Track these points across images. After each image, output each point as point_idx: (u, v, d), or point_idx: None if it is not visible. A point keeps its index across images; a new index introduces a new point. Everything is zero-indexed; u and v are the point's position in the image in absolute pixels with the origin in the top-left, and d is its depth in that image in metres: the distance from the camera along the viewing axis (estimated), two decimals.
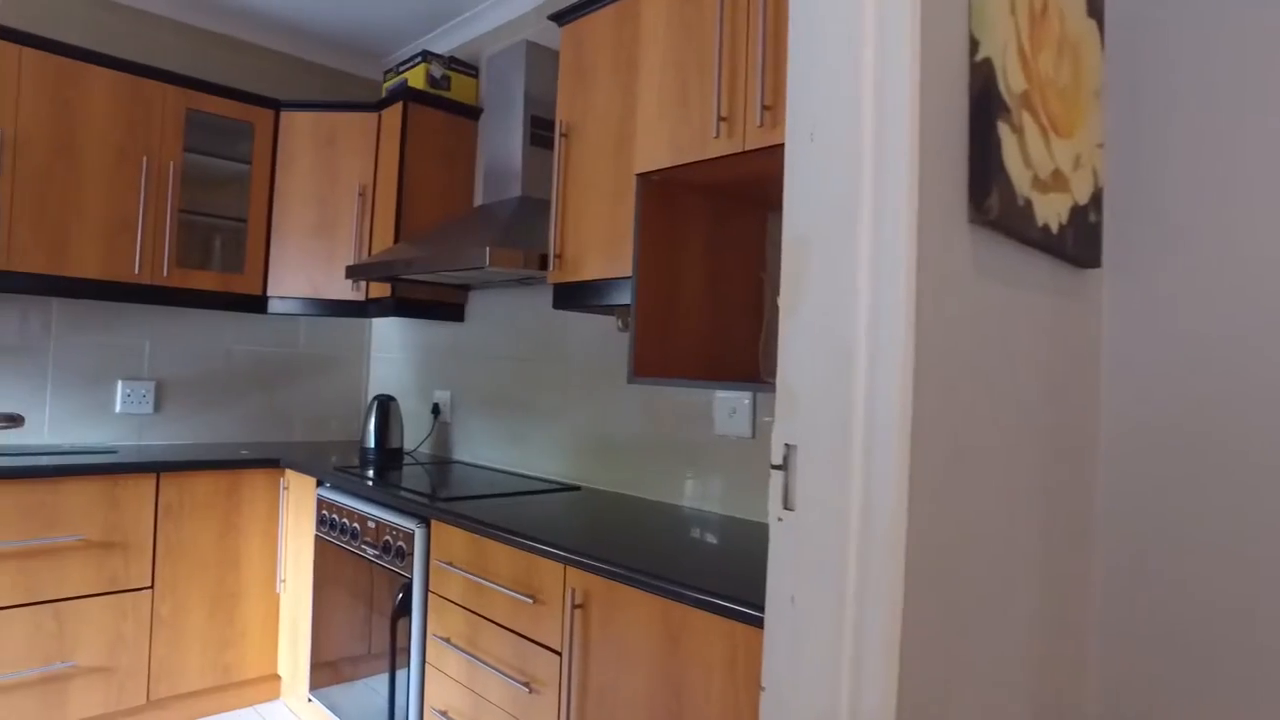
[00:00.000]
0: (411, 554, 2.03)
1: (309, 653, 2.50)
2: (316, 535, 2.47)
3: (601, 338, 2.47)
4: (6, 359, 2.67)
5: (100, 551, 2.39)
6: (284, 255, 2.96)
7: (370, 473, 2.51)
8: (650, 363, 1.79)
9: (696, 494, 2.15)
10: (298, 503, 2.66)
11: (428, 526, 2.03)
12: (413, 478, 2.48)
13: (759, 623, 1.20)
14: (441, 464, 2.84)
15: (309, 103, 2.97)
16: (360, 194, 2.94)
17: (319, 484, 2.53)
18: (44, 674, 2.30)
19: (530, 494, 2.27)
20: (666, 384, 1.74)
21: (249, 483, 2.68)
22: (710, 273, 1.92)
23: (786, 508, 0.95)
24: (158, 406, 2.97)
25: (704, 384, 1.71)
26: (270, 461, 2.70)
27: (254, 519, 2.69)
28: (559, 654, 1.63)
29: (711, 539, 1.78)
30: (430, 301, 2.93)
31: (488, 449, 2.87)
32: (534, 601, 1.69)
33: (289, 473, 2.71)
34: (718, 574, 1.46)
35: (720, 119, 1.58)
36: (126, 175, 2.64)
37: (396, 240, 2.79)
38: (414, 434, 3.20)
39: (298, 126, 2.97)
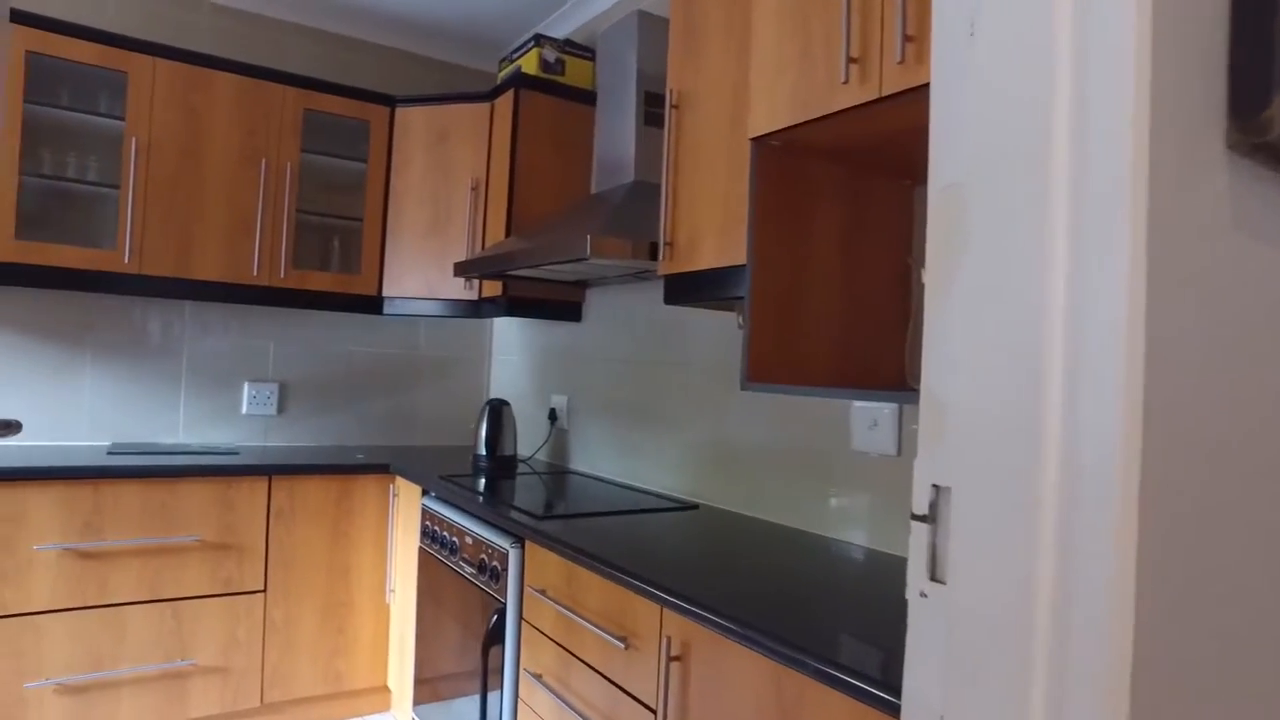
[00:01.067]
0: (505, 576, 1.84)
1: (413, 667, 2.38)
2: (420, 547, 2.35)
3: (723, 337, 2.19)
4: (149, 361, 2.74)
5: (216, 553, 2.37)
6: (399, 255, 2.89)
7: (476, 483, 2.35)
8: (769, 366, 1.50)
9: (830, 519, 1.83)
10: (406, 511, 2.56)
11: (522, 547, 1.84)
12: (518, 490, 2.31)
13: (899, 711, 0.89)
14: (554, 475, 2.66)
15: (422, 97, 2.88)
16: (473, 188, 2.81)
17: (424, 493, 2.41)
18: (166, 670, 2.31)
19: (640, 513, 2.02)
20: (787, 392, 1.44)
21: (360, 488, 2.61)
22: (845, 258, 1.61)
23: (934, 578, 0.65)
24: (281, 408, 2.97)
25: (833, 392, 1.40)
26: (381, 467, 2.62)
27: (365, 526, 2.62)
28: (653, 711, 1.37)
29: (846, 580, 1.47)
30: (545, 300, 2.76)
31: (603, 459, 2.66)
32: (626, 646, 1.44)
33: (399, 479, 2.61)
34: (850, 632, 1.16)
35: (849, 60, 1.27)
36: (246, 178, 2.64)
37: (508, 235, 2.64)
38: (532, 440, 3.04)
39: (412, 122, 2.89)
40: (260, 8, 2.94)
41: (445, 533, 2.19)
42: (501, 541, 1.88)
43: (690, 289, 1.81)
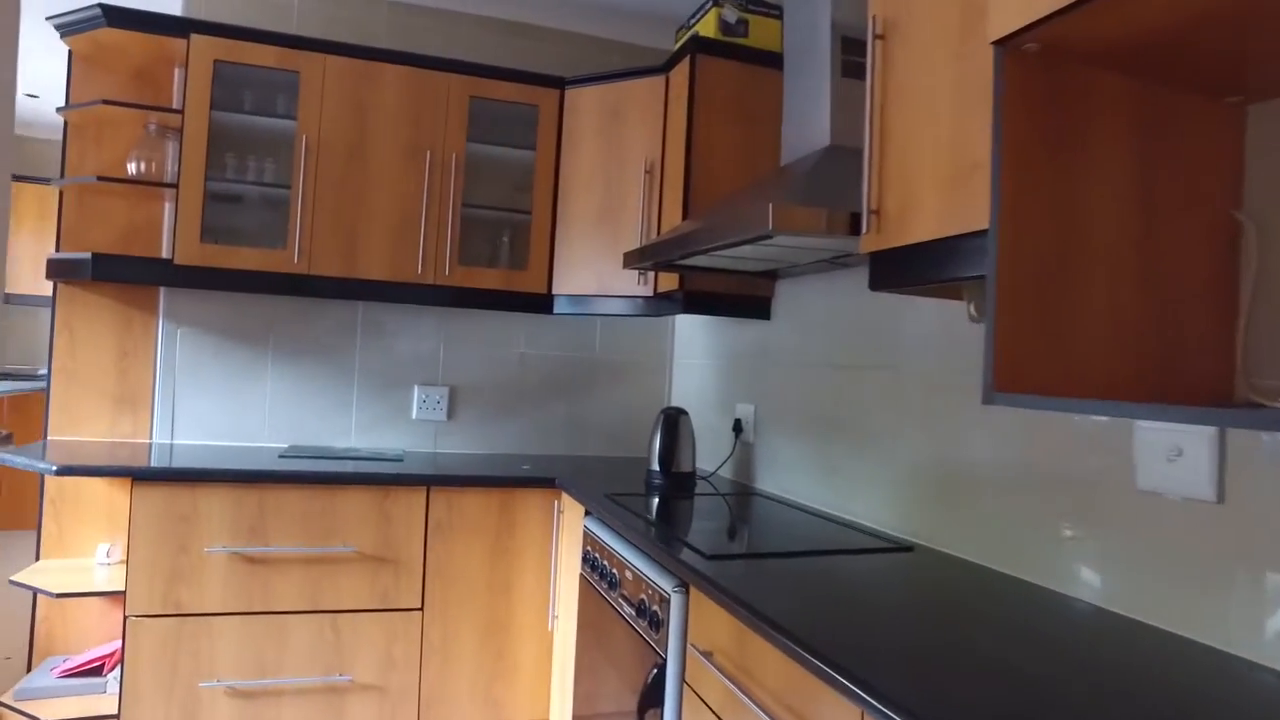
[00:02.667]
0: (666, 627, 1.51)
1: (571, 705, 2.11)
2: (581, 574, 2.08)
3: (947, 332, 1.73)
4: (325, 363, 2.72)
5: (373, 565, 2.25)
6: (568, 248, 2.66)
7: (644, 505, 2.05)
8: (1024, 369, 1.05)
9: (1100, 584, 1.32)
10: (571, 529, 2.30)
11: (687, 593, 1.49)
12: (692, 515, 1.97)
13: None
14: (737, 496, 2.29)
15: (593, 76, 2.64)
16: (647, 171, 2.52)
17: (585, 513, 2.14)
18: (325, 684, 2.21)
19: (839, 554, 1.61)
20: (1053, 407, 0.98)
21: (522, 502, 2.39)
22: (1137, 213, 1.11)
23: None
24: (451, 413, 2.85)
25: (1125, 408, 0.92)
26: (545, 481, 2.39)
27: (528, 543, 2.40)
28: None
29: (1139, 688, 0.98)
30: (728, 295, 2.41)
31: (795, 480, 2.26)
32: None
33: (564, 495, 2.37)
34: None
35: None
36: (411, 172, 2.52)
37: (684, 220, 2.32)
38: (715, 454, 2.70)
39: (582, 104, 2.66)
40: (435, 0, 2.84)
41: (605, 562, 1.90)
42: (664, 583, 1.55)
43: (903, 269, 1.38)
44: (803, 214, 1.48)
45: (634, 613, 1.67)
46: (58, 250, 2.48)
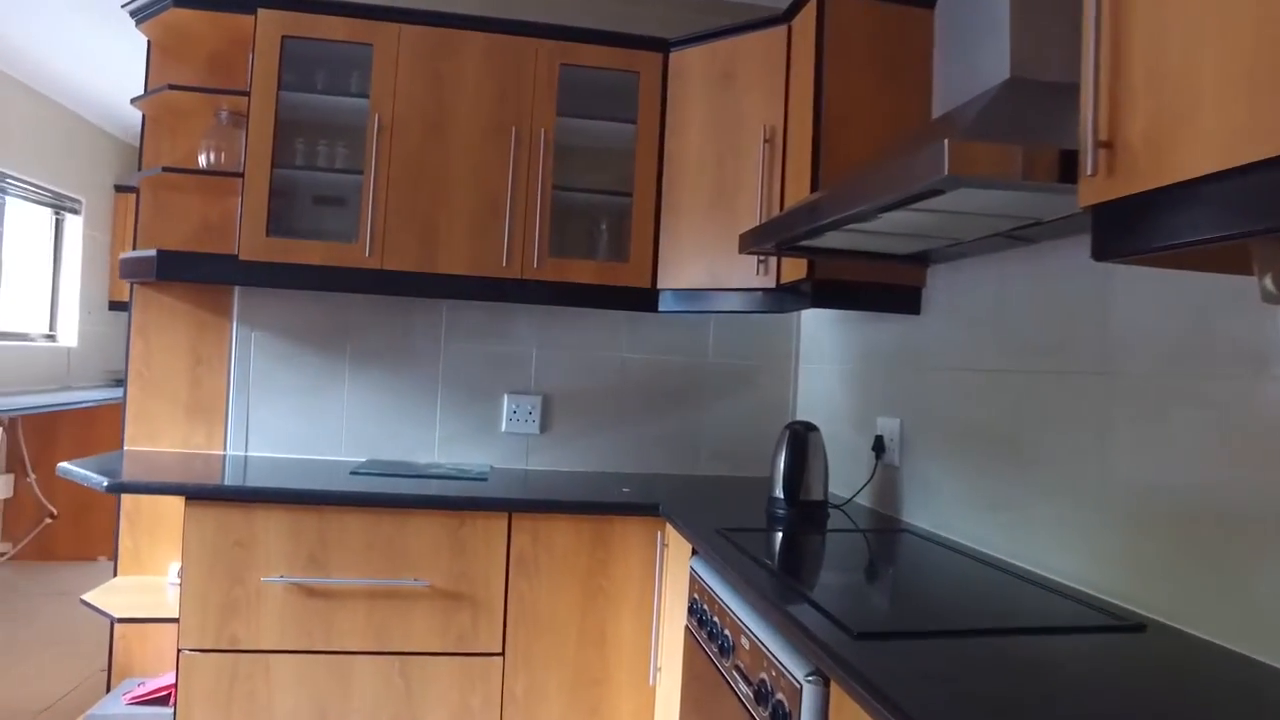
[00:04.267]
0: None
1: None
2: (686, 626, 1.69)
3: (1200, 320, 1.23)
4: (406, 368, 2.47)
5: (447, 603, 1.95)
6: (676, 235, 2.29)
7: (765, 544, 1.64)
8: None
9: None
10: (677, 567, 1.92)
11: (826, 688, 1.08)
12: (827, 560, 1.55)
13: None
14: (881, 534, 1.85)
15: (701, 34, 2.26)
16: (766, 140, 2.12)
17: (693, 552, 1.76)
18: None
19: (1038, 633, 1.15)
20: None
21: (620, 534, 2.03)
22: None
23: None
24: (544, 425, 2.53)
25: None
26: (648, 508, 2.02)
27: (626, 581, 2.04)
28: None
29: None
30: (868, 285, 1.97)
31: (956, 514, 1.79)
32: None
33: (669, 526, 1.99)
34: None
35: None
36: (495, 152, 2.22)
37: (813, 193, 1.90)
38: (851, 478, 2.26)
39: (689, 67, 2.28)
40: None
41: (716, 619, 1.50)
42: (793, 667, 1.14)
43: (1158, 224, 0.91)
44: (991, 152, 1.05)
45: (751, 695, 1.27)
46: (134, 249, 2.33)
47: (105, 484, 1.83)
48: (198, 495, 1.86)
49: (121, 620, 2.01)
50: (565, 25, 2.27)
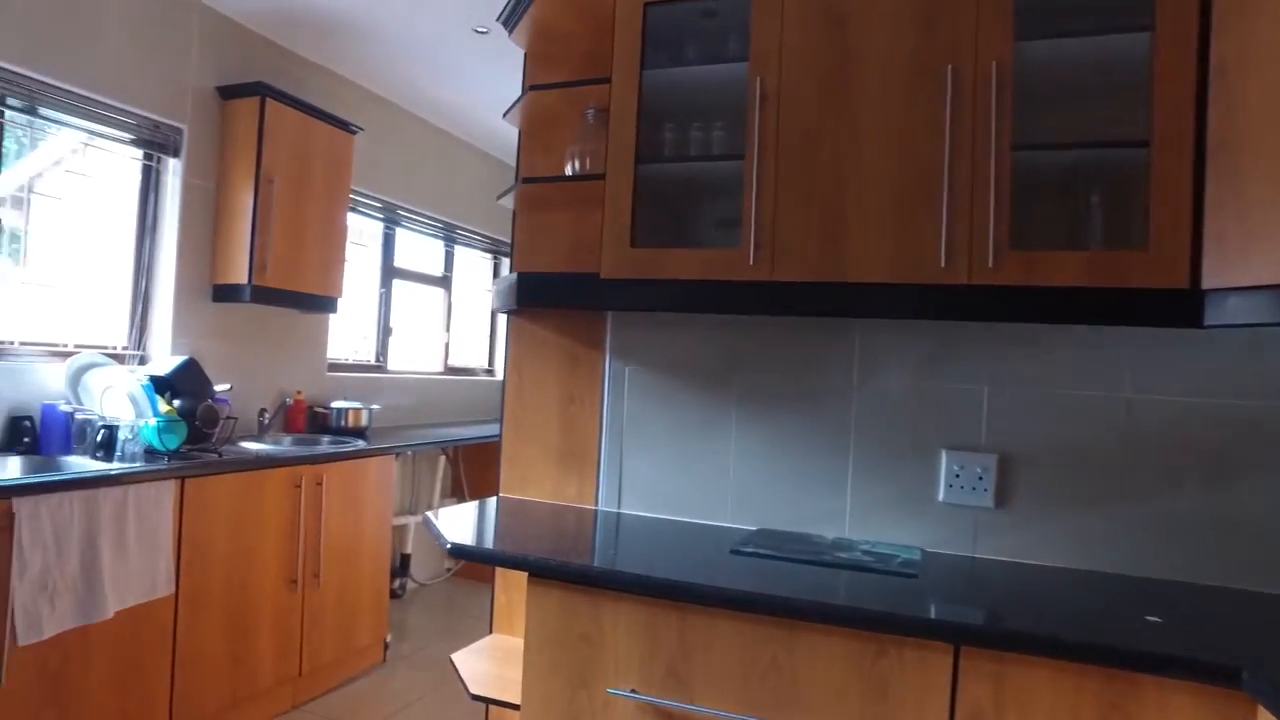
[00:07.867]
0: None
1: None
2: None
3: None
4: (807, 413, 1.89)
5: None
6: (1240, 203, 1.36)
7: None
8: None
9: None
10: None
11: None
12: None
13: None
14: None
15: None
16: None
17: None
18: None
19: None
20: None
21: (1148, 701, 1.18)
22: None
23: None
24: (1000, 497, 1.74)
25: None
26: (1217, 672, 1.14)
27: None
28: None
29: None
30: None
31: None
32: None
33: (1261, 712, 1.09)
34: None
35: None
36: (920, 103, 1.54)
37: None
38: None
39: None
40: None
41: None
42: None
43: None
44: None
45: None
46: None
47: (449, 545, 1.56)
48: (541, 572, 1.49)
49: (475, 698, 1.75)
50: None
